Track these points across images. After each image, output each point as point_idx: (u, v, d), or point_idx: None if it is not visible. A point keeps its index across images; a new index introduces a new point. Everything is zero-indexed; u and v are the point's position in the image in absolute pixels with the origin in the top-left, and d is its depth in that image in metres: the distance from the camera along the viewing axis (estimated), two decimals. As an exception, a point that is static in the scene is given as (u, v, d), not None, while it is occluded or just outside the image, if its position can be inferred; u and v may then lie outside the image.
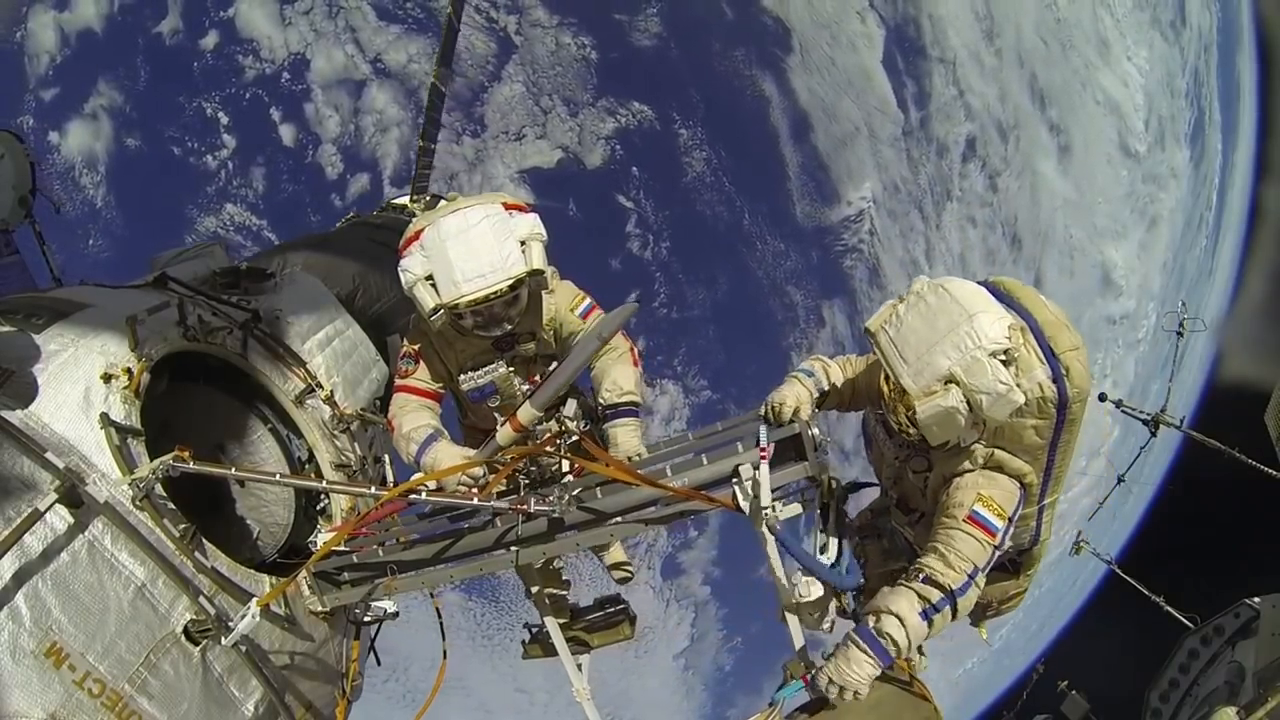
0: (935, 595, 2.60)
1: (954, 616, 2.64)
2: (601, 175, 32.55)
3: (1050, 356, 2.54)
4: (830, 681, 2.61)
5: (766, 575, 2.92)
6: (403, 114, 30.84)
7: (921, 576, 2.64)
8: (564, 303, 3.54)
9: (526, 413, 3.31)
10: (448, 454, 3.36)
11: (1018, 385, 2.48)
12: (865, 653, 2.58)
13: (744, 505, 2.85)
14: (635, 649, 31.45)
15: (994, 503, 2.68)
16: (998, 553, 2.68)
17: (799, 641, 2.96)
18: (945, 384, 2.51)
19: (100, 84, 28.40)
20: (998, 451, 2.75)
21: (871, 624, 2.61)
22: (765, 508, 2.76)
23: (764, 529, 2.79)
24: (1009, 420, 2.61)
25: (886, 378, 2.83)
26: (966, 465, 2.79)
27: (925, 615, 2.59)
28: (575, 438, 3.42)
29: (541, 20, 31.70)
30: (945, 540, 2.68)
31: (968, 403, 2.50)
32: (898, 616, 2.58)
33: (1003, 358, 2.47)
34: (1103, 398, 9.30)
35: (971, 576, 2.61)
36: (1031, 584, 3.44)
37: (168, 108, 29.68)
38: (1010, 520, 2.70)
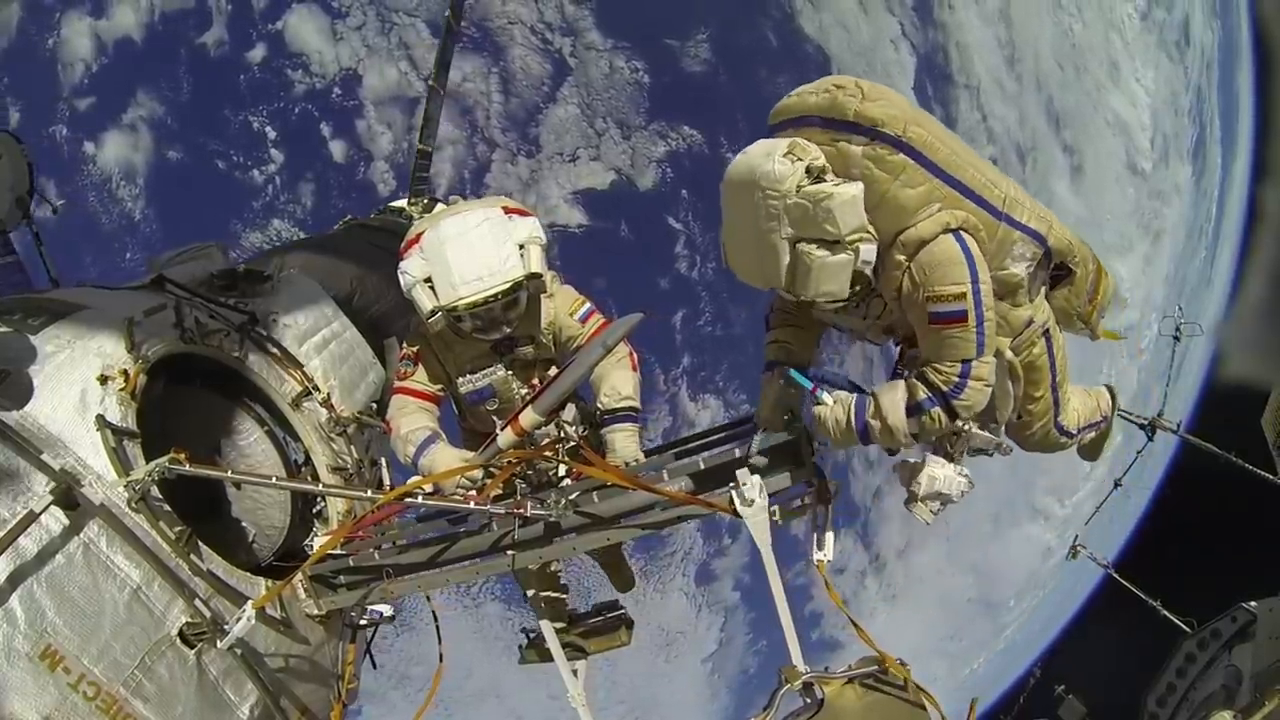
0: (921, 392, 2.51)
1: (951, 417, 2.53)
2: (652, 197, 33.02)
3: (848, 128, 2.35)
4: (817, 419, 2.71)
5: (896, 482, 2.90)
6: (457, 132, 30.86)
7: (915, 373, 2.57)
8: (563, 307, 3.54)
9: (529, 417, 3.30)
10: (446, 456, 3.36)
11: (843, 178, 2.31)
12: (849, 410, 2.64)
13: (740, 509, 2.85)
14: (665, 654, 32.37)
15: (942, 290, 2.40)
16: (984, 323, 2.41)
17: (788, 627, 3.01)
18: (793, 250, 2.36)
19: (139, 94, 28.16)
20: (905, 238, 2.45)
21: (869, 406, 2.62)
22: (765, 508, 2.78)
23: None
24: (881, 206, 2.40)
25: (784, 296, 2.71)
26: (896, 273, 2.51)
27: (912, 411, 2.53)
28: (574, 443, 3.42)
29: (596, 43, 32.11)
30: (930, 349, 2.53)
31: (823, 242, 2.32)
32: (881, 406, 2.58)
33: (805, 181, 2.29)
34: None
35: (964, 375, 2.45)
36: (1105, 277, 2.95)
37: (212, 121, 29.53)
38: (975, 281, 2.39)
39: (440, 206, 6.69)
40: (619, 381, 3.47)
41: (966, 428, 2.76)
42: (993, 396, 2.66)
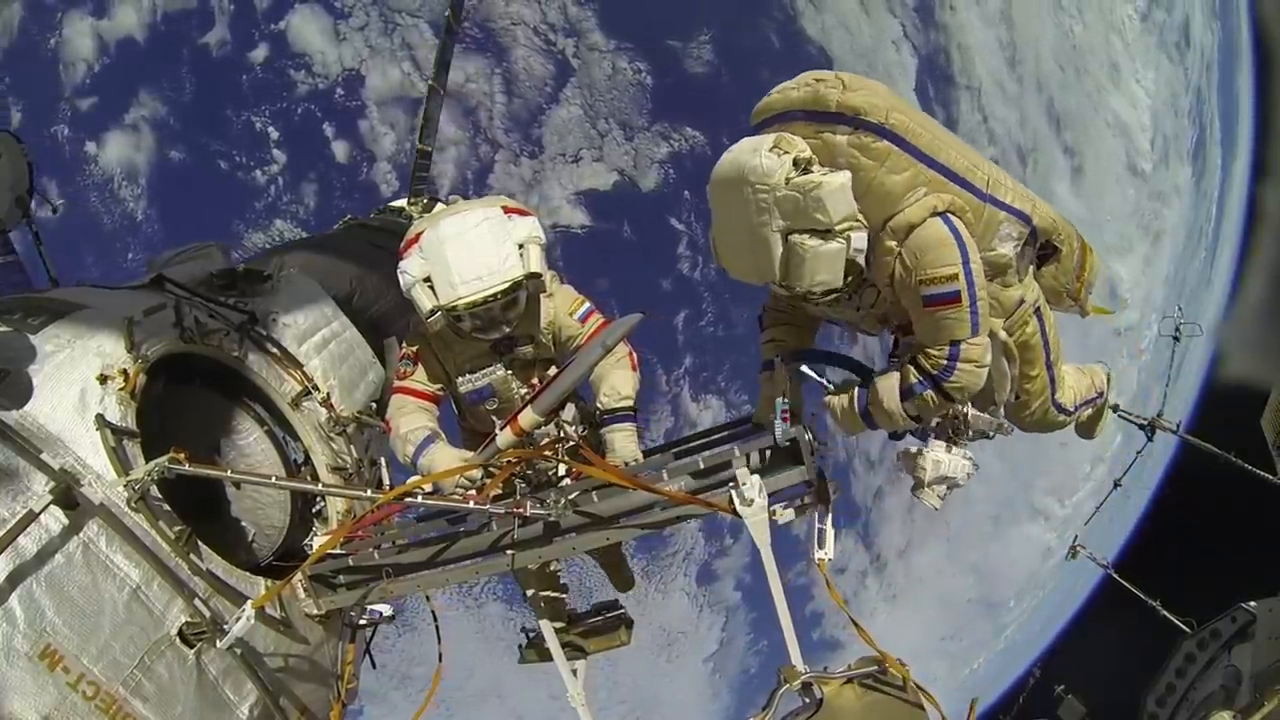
0: (913, 376, 2.57)
1: (946, 399, 2.57)
2: (655, 198, 33.15)
3: (831, 119, 2.41)
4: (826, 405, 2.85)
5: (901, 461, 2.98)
6: (460, 133, 30.93)
7: (909, 358, 2.63)
8: (563, 306, 3.54)
9: (528, 417, 3.31)
10: (445, 456, 3.36)
11: (828, 167, 2.37)
12: (851, 398, 2.78)
13: (739, 509, 2.85)
14: (666, 654, 32.51)
15: (934, 273, 2.43)
16: (978, 302, 2.46)
17: (787, 627, 3.00)
18: (785, 242, 2.39)
19: (141, 94, 28.07)
20: (894, 224, 2.49)
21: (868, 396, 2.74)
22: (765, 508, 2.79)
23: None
24: (869, 193, 2.43)
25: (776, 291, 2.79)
26: (887, 259, 2.54)
27: (906, 395, 2.61)
28: (573, 443, 3.42)
29: (599, 44, 32.13)
30: (925, 333, 2.57)
31: (815, 231, 2.37)
32: (878, 391, 2.68)
33: (793, 173, 2.33)
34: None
35: (953, 359, 2.49)
36: (1089, 253, 3.07)
37: (214, 121, 29.47)
38: (966, 261, 2.42)
39: (440, 206, 6.70)
40: (618, 381, 3.48)
41: (965, 409, 2.78)
42: (990, 378, 2.70)
